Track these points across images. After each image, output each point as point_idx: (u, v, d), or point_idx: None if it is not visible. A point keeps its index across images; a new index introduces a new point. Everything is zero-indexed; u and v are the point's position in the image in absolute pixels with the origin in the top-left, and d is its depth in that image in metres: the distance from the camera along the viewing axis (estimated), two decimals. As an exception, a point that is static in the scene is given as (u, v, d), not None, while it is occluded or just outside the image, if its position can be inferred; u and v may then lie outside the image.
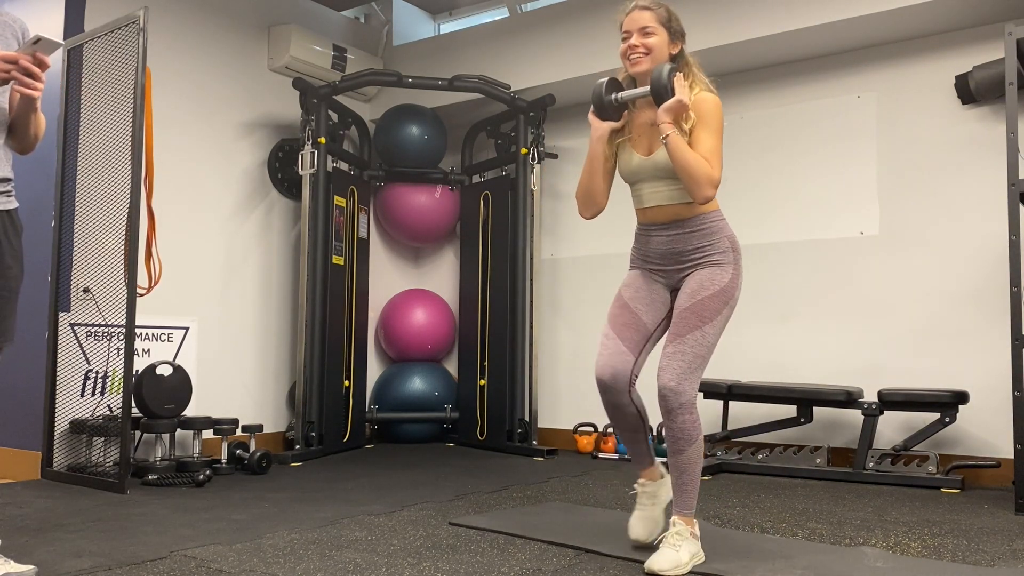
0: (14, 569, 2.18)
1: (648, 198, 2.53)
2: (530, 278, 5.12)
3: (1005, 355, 3.72)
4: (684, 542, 2.37)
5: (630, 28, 2.52)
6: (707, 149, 2.36)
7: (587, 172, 2.57)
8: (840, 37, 4.37)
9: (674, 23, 2.54)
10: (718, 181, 2.35)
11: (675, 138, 2.35)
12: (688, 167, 2.34)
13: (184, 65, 4.64)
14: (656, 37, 2.49)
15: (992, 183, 4.03)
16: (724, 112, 2.60)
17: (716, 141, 2.38)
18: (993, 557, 2.54)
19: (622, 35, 2.55)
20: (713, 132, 2.39)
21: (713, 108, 2.43)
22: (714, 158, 2.36)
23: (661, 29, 2.50)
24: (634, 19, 2.51)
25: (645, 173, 2.51)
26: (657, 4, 2.53)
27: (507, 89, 5.09)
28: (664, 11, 2.52)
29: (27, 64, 2.03)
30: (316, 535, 2.76)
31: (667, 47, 2.51)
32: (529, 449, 4.93)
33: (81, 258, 3.97)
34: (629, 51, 2.51)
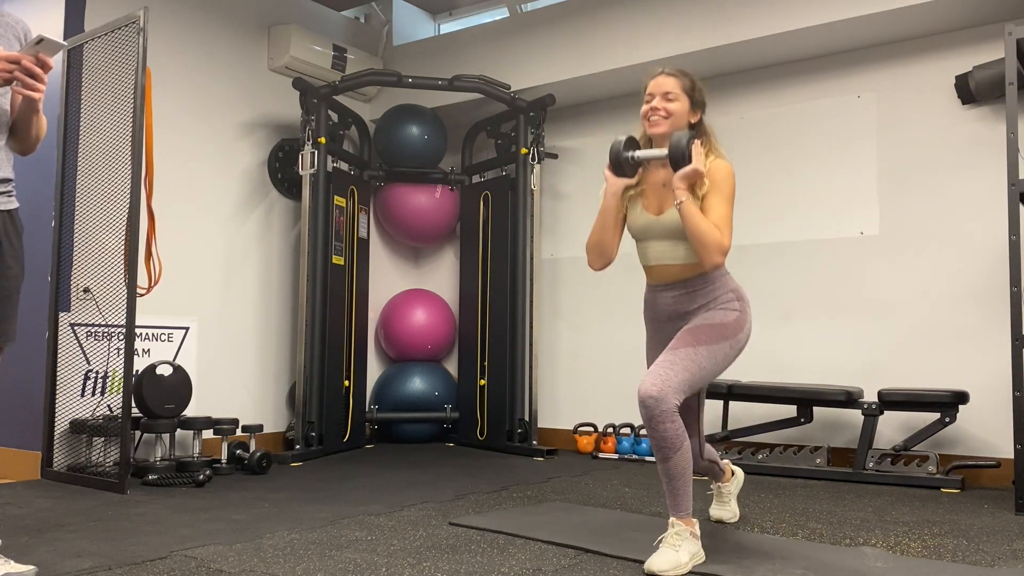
0: (14, 569, 2.18)
1: (654, 256, 2.60)
2: (530, 278, 5.12)
3: (1005, 355, 3.72)
4: (684, 542, 2.37)
5: (654, 91, 2.59)
6: (718, 217, 2.44)
7: (599, 226, 2.63)
8: (840, 37, 4.37)
9: (697, 94, 2.62)
10: (727, 249, 2.43)
11: (688, 205, 2.42)
12: (700, 235, 2.41)
13: (184, 65, 4.64)
14: (678, 103, 2.56)
15: (992, 183, 4.03)
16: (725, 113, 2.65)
17: (727, 209, 2.46)
18: (993, 557, 2.54)
19: (645, 97, 2.61)
20: (725, 200, 2.47)
21: (727, 176, 2.50)
22: (725, 226, 2.43)
23: (684, 97, 2.58)
24: (659, 83, 2.59)
25: (654, 232, 2.58)
26: (683, 73, 2.61)
27: (507, 89, 5.09)
28: (688, 81, 2.61)
29: (29, 65, 2.03)
30: (316, 535, 2.76)
31: (687, 115, 2.59)
32: (529, 449, 4.94)
33: (81, 258, 3.97)
34: (650, 112, 2.58)
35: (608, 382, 5.18)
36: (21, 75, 2.03)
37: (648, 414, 2.37)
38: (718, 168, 2.50)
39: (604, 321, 5.23)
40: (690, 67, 4.83)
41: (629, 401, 5.09)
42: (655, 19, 4.71)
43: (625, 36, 4.81)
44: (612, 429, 4.90)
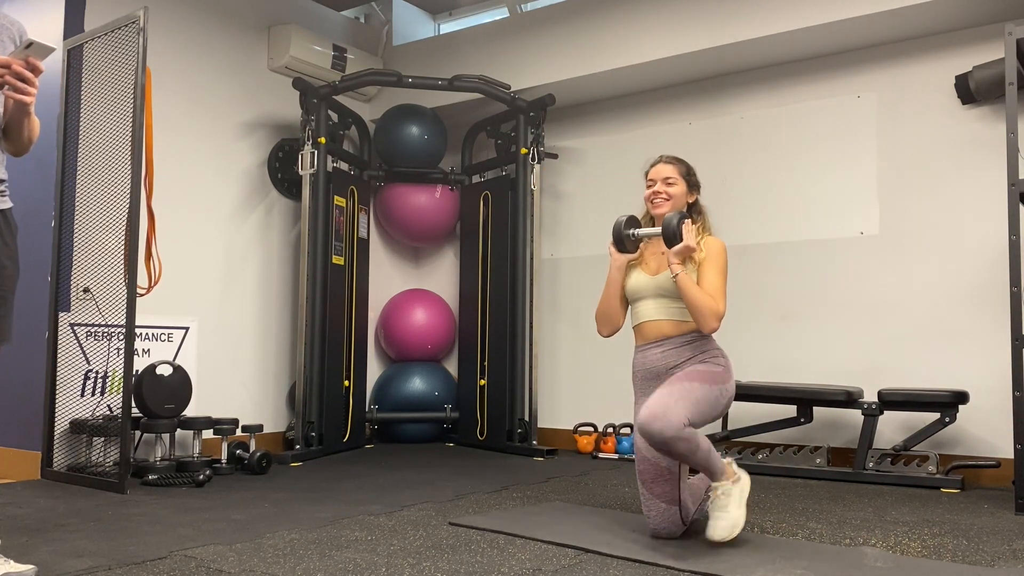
0: (14, 569, 2.18)
1: (645, 313, 2.82)
2: (530, 278, 5.12)
3: (1005, 355, 3.72)
4: (729, 499, 2.58)
5: (655, 177, 2.90)
6: (712, 287, 2.70)
7: (606, 296, 2.90)
8: (840, 37, 4.37)
9: (692, 177, 2.93)
10: (722, 314, 2.67)
11: (684, 277, 2.68)
12: (696, 303, 2.66)
13: (184, 65, 4.64)
14: (677, 187, 2.87)
15: (992, 183, 4.03)
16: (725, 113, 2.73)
17: (720, 280, 2.73)
18: (993, 557, 2.54)
19: (647, 182, 2.92)
20: (718, 271, 2.73)
21: (720, 250, 2.77)
22: (719, 295, 2.69)
23: (681, 181, 2.89)
24: (659, 170, 2.90)
25: (647, 291, 2.82)
26: (679, 160, 2.93)
27: (507, 89, 5.09)
28: (684, 167, 2.92)
29: (20, 69, 2.02)
30: (316, 535, 2.76)
31: (685, 196, 2.89)
32: (529, 449, 4.93)
33: (81, 258, 3.97)
34: (653, 196, 2.88)
35: (608, 382, 5.17)
36: (12, 79, 2.02)
37: (658, 439, 2.51)
38: (711, 244, 2.78)
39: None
40: (690, 67, 4.90)
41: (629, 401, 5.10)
42: (655, 19, 4.71)
43: (625, 36, 4.81)
44: (612, 429, 4.90)
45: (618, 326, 2.91)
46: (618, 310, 2.89)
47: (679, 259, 2.69)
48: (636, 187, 5.21)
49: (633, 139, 5.23)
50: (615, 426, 4.90)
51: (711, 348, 2.76)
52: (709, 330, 2.67)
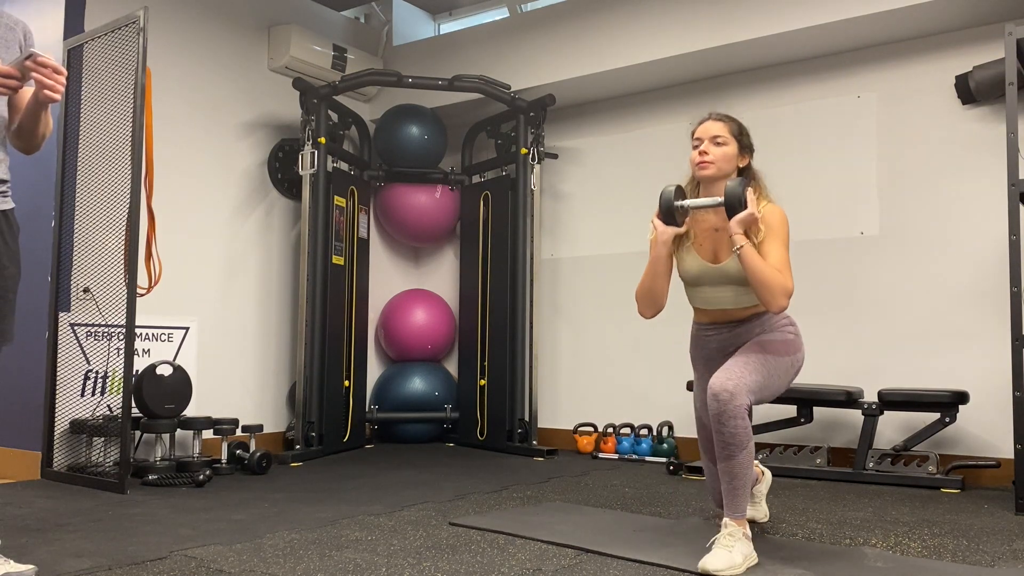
0: (14, 569, 2.18)
1: (713, 301, 2.63)
2: (530, 278, 5.12)
3: (1005, 355, 3.72)
4: (737, 543, 2.37)
5: (702, 135, 2.61)
6: (778, 260, 2.46)
7: (650, 274, 2.62)
8: (840, 37, 4.37)
9: (745, 137, 2.64)
10: (791, 291, 2.44)
11: (749, 250, 2.43)
12: (764, 279, 2.42)
13: (184, 65, 4.64)
14: (726, 148, 2.59)
15: (992, 183, 4.03)
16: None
17: (785, 252, 2.49)
18: (993, 557, 2.54)
19: (693, 142, 2.63)
20: (782, 243, 2.50)
21: (781, 220, 2.53)
22: (786, 269, 2.46)
23: (732, 140, 2.60)
24: (707, 128, 2.61)
25: (709, 278, 2.60)
26: (730, 118, 2.64)
27: (507, 89, 5.09)
28: (736, 125, 2.64)
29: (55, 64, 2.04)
30: (316, 535, 2.76)
31: (736, 159, 2.61)
32: (529, 449, 4.93)
33: (81, 258, 3.97)
34: (699, 156, 2.59)
35: (608, 382, 5.18)
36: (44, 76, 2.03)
37: (720, 408, 2.39)
38: (772, 212, 2.53)
39: (604, 321, 5.23)
40: (690, 67, 4.90)
41: (629, 401, 5.12)
42: (655, 19, 4.70)
43: (625, 36, 4.81)
44: (612, 429, 4.90)
45: (662, 306, 2.65)
46: (663, 289, 2.61)
47: (742, 228, 2.44)
48: (636, 187, 5.25)
49: (633, 139, 5.23)
50: (615, 426, 4.90)
51: (781, 318, 2.61)
52: (778, 309, 2.44)
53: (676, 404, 4.73)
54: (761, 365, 2.47)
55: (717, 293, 2.60)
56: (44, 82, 2.03)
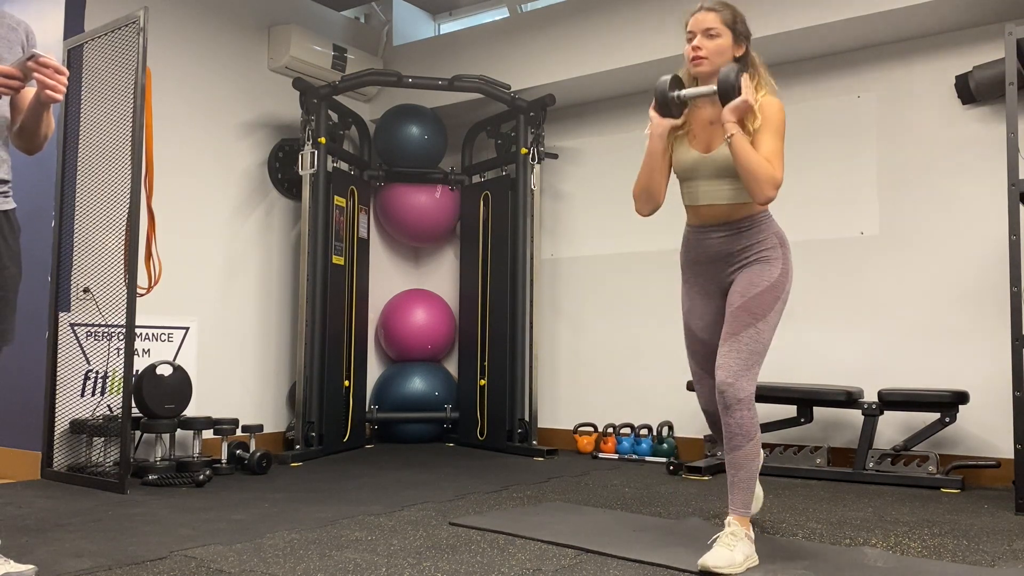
0: (14, 569, 2.18)
1: (703, 196, 2.54)
2: (530, 278, 5.12)
3: (1005, 355, 3.72)
4: (739, 543, 2.37)
5: (695, 29, 2.52)
6: (770, 151, 2.39)
7: (646, 168, 2.56)
8: (840, 37, 4.37)
9: (739, 25, 2.55)
10: (780, 182, 2.37)
11: (739, 138, 2.37)
12: (752, 168, 2.35)
13: (184, 65, 4.64)
14: (720, 40, 2.50)
15: (992, 183, 4.03)
16: None
17: (778, 144, 2.41)
18: (993, 557, 2.54)
19: (687, 35, 2.54)
20: (776, 135, 2.42)
21: (777, 112, 2.45)
22: (776, 160, 2.39)
23: (726, 31, 2.51)
24: (699, 20, 2.52)
25: (702, 170, 2.52)
26: (723, 6, 2.54)
27: (507, 89, 5.09)
28: (729, 13, 2.53)
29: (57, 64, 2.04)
30: (316, 535, 2.76)
31: (731, 49, 2.52)
32: (529, 449, 4.93)
33: (81, 258, 3.97)
34: (692, 51, 2.51)
35: (608, 382, 5.18)
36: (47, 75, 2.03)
37: (725, 402, 2.41)
38: (769, 104, 2.45)
39: (604, 321, 5.23)
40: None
41: (629, 401, 5.12)
42: (655, 19, 4.70)
43: (625, 36, 4.81)
44: (612, 429, 4.90)
45: (659, 203, 2.58)
46: (660, 185, 2.55)
47: (735, 116, 2.37)
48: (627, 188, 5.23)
49: (633, 139, 5.22)
50: (615, 426, 4.89)
51: (770, 233, 2.52)
52: (764, 199, 2.37)
53: (676, 404, 4.73)
54: (755, 340, 2.44)
55: (710, 187, 2.51)
56: (46, 82, 2.03)
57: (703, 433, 4.57)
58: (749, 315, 2.45)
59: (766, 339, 2.46)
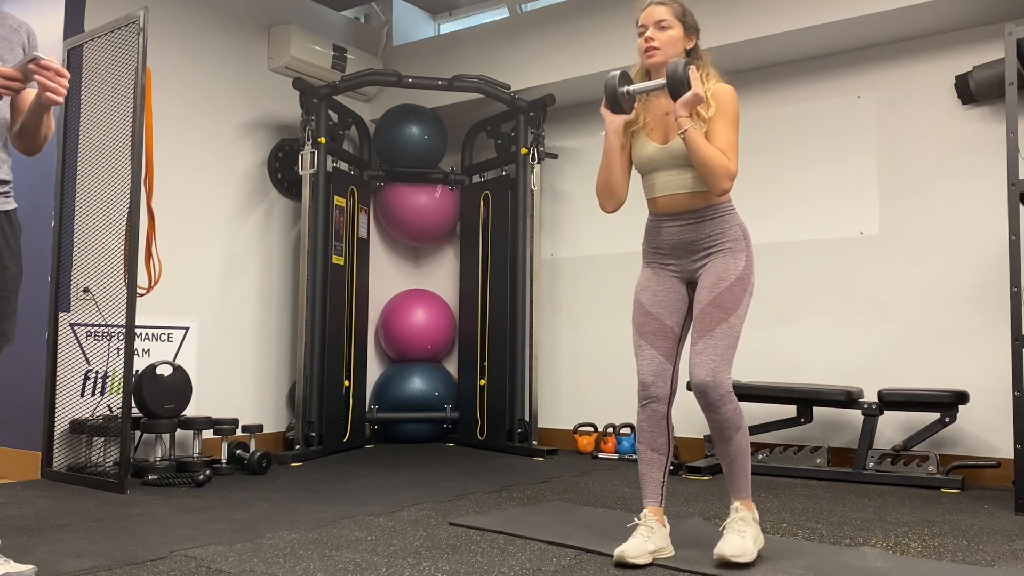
0: (14, 569, 2.19)
1: (661, 187, 2.55)
2: (530, 278, 5.12)
3: (1005, 355, 3.72)
4: (747, 527, 2.43)
5: (646, 22, 2.55)
6: (724, 142, 2.42)
7: (604, 165, 2.59)
8: (840, 37, 4.37)
9: (689, 18, 2.59)
10: (735, 173, 2.41)
11: (693, 132, 2.39)
12: (706, 161, 2.38)
13: (184, 65, 4.64)
14: (672, 31, 2.53)
15: (992, 183, 4.03)
16: None
17: (732, 134, 2.44)
18: (993, 557, 2.54)
19: (638, 29, 2.57)
20: (730, 124, 2.45)
21: (730, 100, 2.47)
22: (731, 151, 2.41)
23: (676, 23, 2.54)
24: (650, 13, 2.55)
25: (660, 162, 2.54)
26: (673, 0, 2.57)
27: (507, 89, 5.09)
28: (679, 6, 2.57)
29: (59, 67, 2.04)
30: (316, 535, 2.76)
31: (682, 41, 2.55)
32: (529, 449, 4.93)
33: (81, 258, 3.97)
34: (645, 43, 2.54)
35: (608, 382, 5.18)
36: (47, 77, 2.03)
37: (707, 401, 2.43)
38: (721, 92, 2.47)
39: (604, 321, 5.23)
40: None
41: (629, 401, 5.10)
42: (655, 19, 4.70)
43: (625, 36, 4.80)
44: (612, 429, 4.90)
45: (621, 199, 2.61)
46: (620, 182, 2.59)
47: (687, 110, 2.38)
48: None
49: (633, 139, 5.23)
50: (615, 426, 4.90)
51: (733, 225, 2.52)
52: (720, 191, 2.41)
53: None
54: (728, 335, 2.44)
55: (669, 177, 2.52)
56: (47, 84, 2.03)
57: (703, 433, 4.57)
58: (721, 310, 2.45)
59: (738, 331, 2.47)
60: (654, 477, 2.55)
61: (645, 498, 2.54)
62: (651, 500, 2.53)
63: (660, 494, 2.54)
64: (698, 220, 2.51)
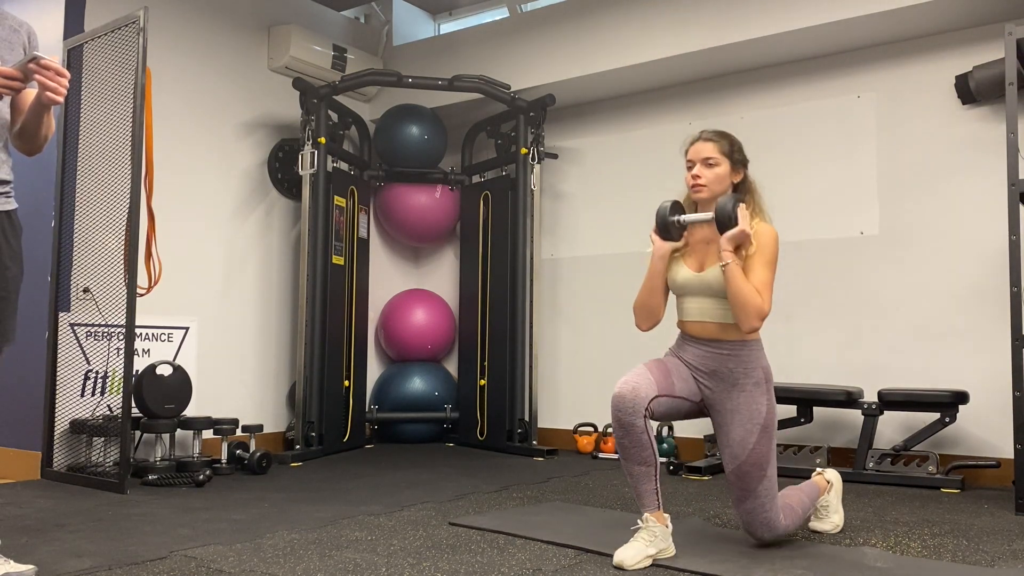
0: (14, 569, 2.19)
1: (691, 312, 2.63)
2: (530, 278, 5.12)
3: (1005, 355, 3.72)
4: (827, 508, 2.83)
5: (694, 158, 2.63)
6: (760, 281, 2.48)
7: (647, 288, 2.67)
8: (840, 37, 4.37)
9: (736, 154, 2.65)
10: (766, 313, 2.47)
11: (734, 268, 2.46)
12: (743, 298, 2.45)
13: (184, 65, 4.64)
14: (718, 168, 2.61)
15: (992, 183, 4.03)
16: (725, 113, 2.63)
17: (769, 274, 2.51)
18: (993, 557, 2.54)
19: (686, 163, 2.66)
20: (767, 264, 2.51)
21: (771, 241, 2.54)
22: (765, 291, 2.48)
23: (723, 160, 2.62)
24: (697, 150, 2.63)
25: (692, 288, 2.62)
26: (720, 136, 2.65)
27: (507, 89, 5.09)
28: (727, 143, 2.64)
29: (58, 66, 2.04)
30: (316, 535, 2.76)
31: (729, 176, 2.63)
32: (529, 449, 4.93)
33: (81, 258, 3.97)
34: (692, 180, 2.62)
35: (608, 382, 5.13)
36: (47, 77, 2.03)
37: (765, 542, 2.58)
38: (763, 232, 2.54)
39: (604, 321, 5.23)
40: (690, 67, 4.90)
41: (629, 401, 5.10)
42: (655, 19, 4.71)
43: (625, 36, 4.81)
44: (612, 429, 4.89)
45: (659, 319, 2.68)
46: (660, 303, 2.67)
47: (732, 245, 2.47)
48: (636, 187, 5.25)
49: (633, 139, 5.23)
50: (615, 426, 4.89)
51: (757, 366, 2.57)
52: (748, 328, 2.47)
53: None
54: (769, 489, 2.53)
55: (700, 304, 2.61)
56: (47, 84, 2.04)
57: (703, 433, 4.57)
58: (758, 469, 2.52)
59: (775, 475, 2.56)
60: (647, 488, 2.49)
61: (643, 507, 2.50)
62: (650, 507, 2.49)
63: (657, 500, 2.49)
64: (722, 352, 2.58)
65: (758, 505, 2.51)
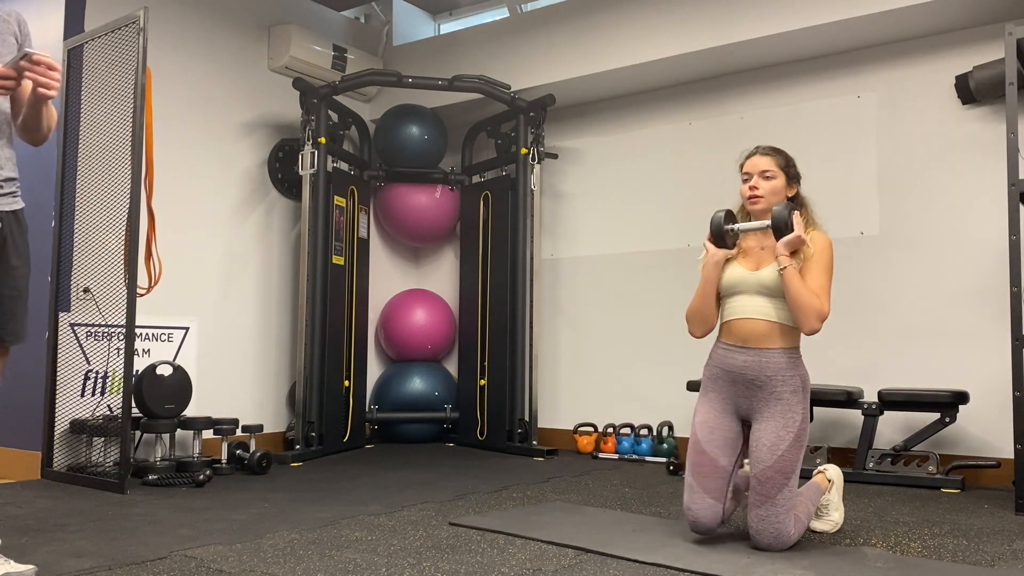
0: (14, 569, 2.18)
1: (741, 309, 2.66)
2: (530, 278, 5.12)
3: (1005, 355, 3.72)
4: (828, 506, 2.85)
5: (751, 171, 2.74)
6: (818, 285, 2.57)
7: (700, 295, 2.73)
8: (840, 37, 4.37)
9: (791, 168, 2.77)
10: (826, 315, 2.55)
11: (791, 271, 2.54)
12: (802, 301, 2.53)
13: (184, 65, 4.64)
14: (775, 181, 2.71)
15: (992, 183, 4.03)
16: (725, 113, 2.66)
17: (826, 279, 2.59)
18: (993, 557, 2.54)
19: (743, 176, 2.76)
20: (824, 270, 2.60)
21: (826, 248, 2.63)
22: (824, 293, 2.56)
23: (780, 173, 2.73)
24: (755, 163, 2.73)
25: (745, 285, 2.67)
26: (775, 151, 2.76)
27: (507, 89, 5.09)
28: (782, 158, 2.76)
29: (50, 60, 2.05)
30: (316, 535, 2.76)
31: (784, 190, 2.74)
32: (529, 449, 4.93)
33: (81, 258, 3.97)
34: (750, 191, 2.72)
35: (608, 382, 5.18)
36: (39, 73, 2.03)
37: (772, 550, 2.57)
38: (819, 239, 2.63)
39: (604, 321, 5.23)
40: (690, 67, 4.90)
41: (629, 401, 5.12)
42: (655, 19, 4.71)
43: (625, 36, 4.81)
44: (612, 429, 4.90)
45: (712, 326, 2.75)
46: (713, 309, 2.72)
47: (788, 250, 2.56)
48: (637, 187, 5.26)
49: (633, 139, 5.23)
50: (615, 426, 4.90)
51: (795, 374, 2.62)
52: (809, 330, 2.55)
53: (676, 404, 4.73)
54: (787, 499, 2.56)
55: (752, 302, 2.64)
56: (39, 80, 2.05)
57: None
58: (781, 476, 2.55)
59: (796, 485, 2.59)
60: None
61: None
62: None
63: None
64: (763, 358, 2.61)
65: (772, 513, 2.53)
